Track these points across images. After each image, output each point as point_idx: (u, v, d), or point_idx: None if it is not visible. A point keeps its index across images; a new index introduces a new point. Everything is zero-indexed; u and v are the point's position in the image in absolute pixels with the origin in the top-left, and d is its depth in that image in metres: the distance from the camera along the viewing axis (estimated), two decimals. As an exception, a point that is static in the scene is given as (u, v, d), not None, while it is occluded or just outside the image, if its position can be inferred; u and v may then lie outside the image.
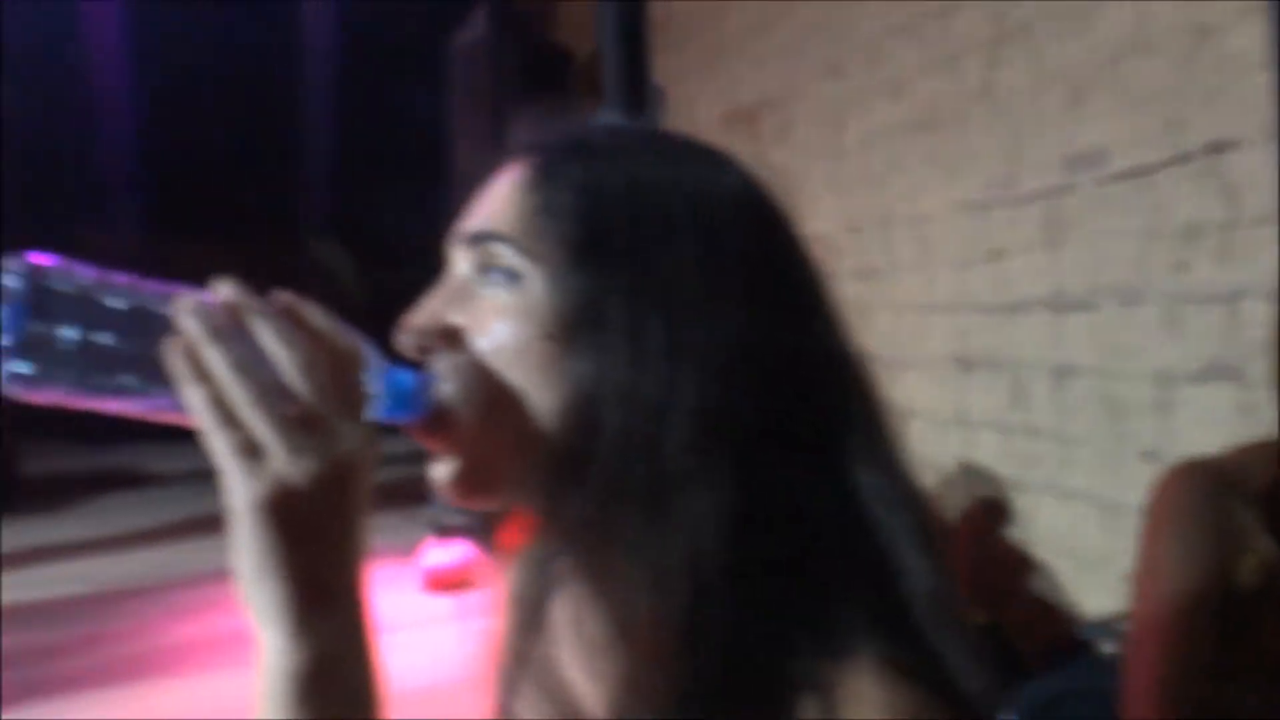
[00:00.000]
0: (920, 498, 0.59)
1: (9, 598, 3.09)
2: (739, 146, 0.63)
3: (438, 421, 0.56)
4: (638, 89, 4.00)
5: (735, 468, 0.52)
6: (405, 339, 0.58)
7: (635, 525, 0.52)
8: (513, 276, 0.56)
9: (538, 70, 4.28)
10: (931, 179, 2.46)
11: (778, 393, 0.54)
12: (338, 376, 0.49)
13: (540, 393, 0.54)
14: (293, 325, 0.50)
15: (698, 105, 3.84)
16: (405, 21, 5.98)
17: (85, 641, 2.88)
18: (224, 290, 0.50)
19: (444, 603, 3.19)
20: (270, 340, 0.49)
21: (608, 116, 3.85)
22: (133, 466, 5.61)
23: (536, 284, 0.55)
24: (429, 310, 0.59)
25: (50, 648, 2.81)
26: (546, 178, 0.58)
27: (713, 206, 0.58)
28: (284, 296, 0.51)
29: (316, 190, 6.96)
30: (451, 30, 4.71)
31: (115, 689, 2.51)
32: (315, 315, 0.51)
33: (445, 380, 0.56)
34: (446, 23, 4.85)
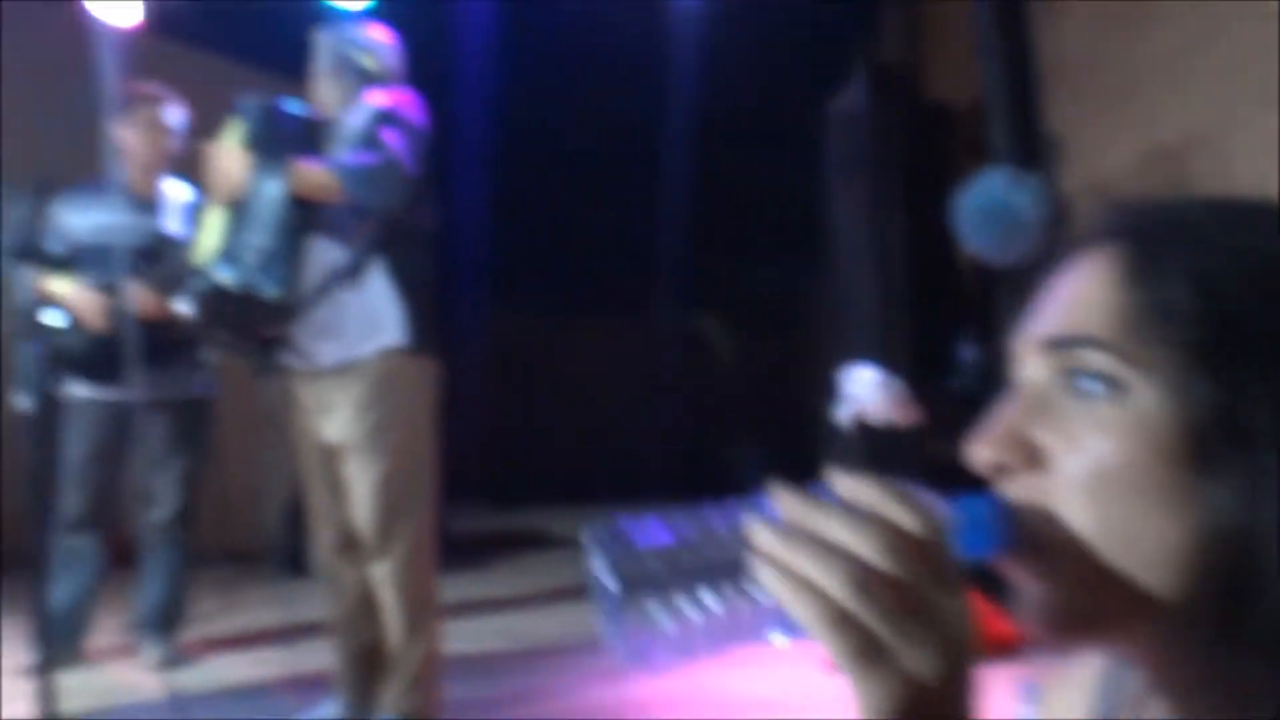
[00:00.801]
0: None
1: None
2: (1161, 192, 0.54)
3: (1024, 554, 0.50)
4: (1029, 138, 3.78)
5: None
6: (980, 455, 0.52)
7: None
8: (1113, 387, 0.49)
9: (917, 130, 4.17)
10: None
11: None
12: (924, 549, 0.46)
13: (1160, 523, 0.47)
14: (859, 510, 0.47)
15: (1105, 148, 3.53)
16: (778, 92, 6.11)
17: (515, 697, 3.11)
18: (782, 497, 0.49)
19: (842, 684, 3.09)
20: (846, 534, 0.46)
21: (997, 170, 3.66)
22: (541, 528, 6.09)
23: (1147, 395, 0.48)
24: (1006, 424, 0.52)
25: (482, 700, 3.05)
26: (1149, 269, 0.50)
27: None
28: (840, 480, 0.49)
29: (692, 263, 7.25)
30: (827, 97, 4.73)
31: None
32: (871, 489, 0.48)
33: (1031, 506, 0.50)
34: (821, 90, 4.89)
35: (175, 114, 3.47)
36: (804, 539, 0.46)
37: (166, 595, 3.51)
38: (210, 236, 2.45)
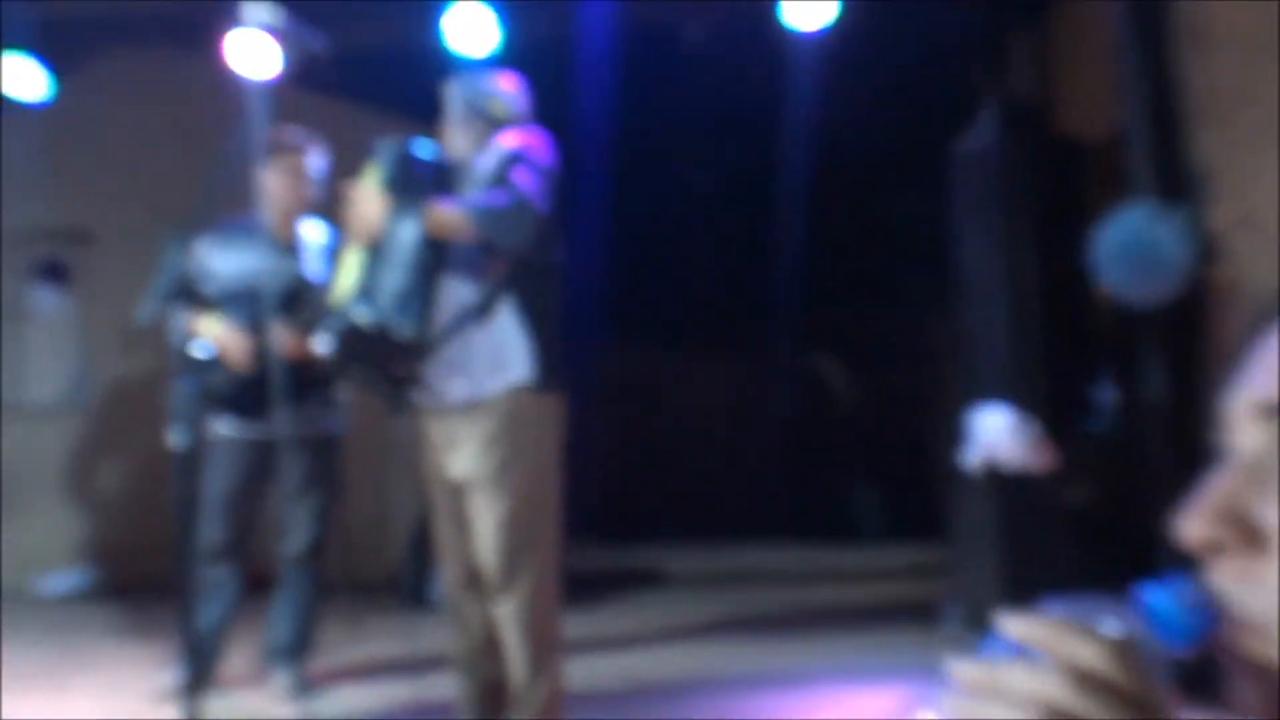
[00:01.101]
0: None
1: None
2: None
3: (1234, 641, 0.47)
4: (1173, 172, 3.62)
5: None
6: (1190, 531, 0.48)
7: None
8: None
9: (1051, 166, 4.04)
10: None
11: None
12: (1115, 681, 0.44)
13: None
14: (1039, 654, 0.46)
15: (1256, 183, 3.35)
16: (899, 129, 6.03)
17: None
18: (959, 668, 0.47)
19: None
20: (1031, 682, 0.45)
21: (1138, 205, 3.51)
22: (655, 566, 6.05)
23: None
24: (1220, 497, 0.48)
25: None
26: None
27: None
28: (1012, 624, 0.47)
29: (809, 301, 7.17)
30: (952, 134, 4.63)
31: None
32: (1045, 628, 0.46)
33: (1240, 590, 0.46)
34: (944, 127, 4.79)
35: (316, 161, 3.61)
36: (991, 694, 0.45)
37: (298, 625, 3.60)
38: (348, 276, 2.53)
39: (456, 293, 2.63)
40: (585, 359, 6.95)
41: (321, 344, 2.53)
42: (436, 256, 2.55)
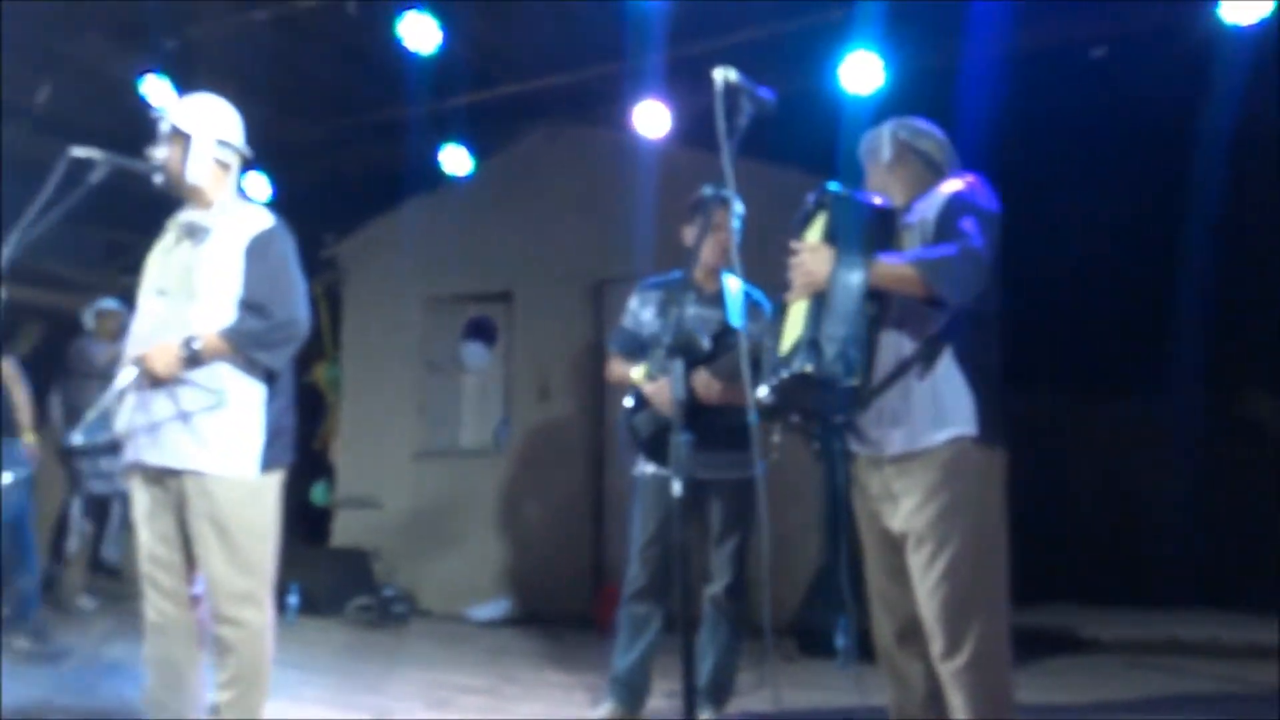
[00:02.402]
0: None
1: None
2: None
3: None
4: None
5: None
6: None
7: None
8: None
9: None
10: None
11: None
12: None
13: None
14: None
15: None
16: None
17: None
18: None
19: None
20: None
21: None
22: (1065, 627, 5.57)
23: None
24: None
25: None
26: None
27: None
28: None
29: (1232, 330, 6.36)
30: None
31: None
32: None
33: None
34: None
35: (736, 214, 3.73)
36: None
37: (719, 666, 3.68)
38: (794, 327, 2.55)
39: (896, 343, 2.58)
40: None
41: (763, 392, 2.57)
42: (879, 307, 2.52)
